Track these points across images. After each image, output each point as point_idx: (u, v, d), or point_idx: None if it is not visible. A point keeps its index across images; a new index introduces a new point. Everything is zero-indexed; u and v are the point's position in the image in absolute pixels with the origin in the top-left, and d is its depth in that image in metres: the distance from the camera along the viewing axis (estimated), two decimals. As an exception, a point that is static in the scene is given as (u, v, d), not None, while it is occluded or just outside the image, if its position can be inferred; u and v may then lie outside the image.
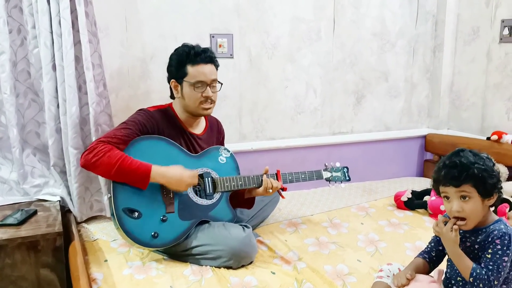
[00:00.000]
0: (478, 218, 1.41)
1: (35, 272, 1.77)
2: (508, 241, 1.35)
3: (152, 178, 1.83)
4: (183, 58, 1.98)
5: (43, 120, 2.16)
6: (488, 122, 2.98)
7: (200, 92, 1.98)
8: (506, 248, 1.35)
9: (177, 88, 2.03)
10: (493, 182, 1.38)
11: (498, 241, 1.36)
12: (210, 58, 2.01)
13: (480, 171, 1.36)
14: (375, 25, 2.99)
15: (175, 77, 2.02)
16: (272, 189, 2.05)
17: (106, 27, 2.32)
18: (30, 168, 2.17)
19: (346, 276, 1.82)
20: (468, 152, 1.41)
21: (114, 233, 2.10)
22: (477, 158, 1.39)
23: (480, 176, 1.37)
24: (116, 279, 1.74)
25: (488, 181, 1.37)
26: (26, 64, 2.11)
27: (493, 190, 1.39)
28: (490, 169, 1.38)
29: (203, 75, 1.98)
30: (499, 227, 1.38)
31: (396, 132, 3.22)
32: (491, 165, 1.40)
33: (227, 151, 2.12)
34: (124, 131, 1.89)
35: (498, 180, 1.40)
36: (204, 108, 2.02)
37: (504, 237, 1.36)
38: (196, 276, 1.78)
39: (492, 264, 1.35)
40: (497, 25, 2.85)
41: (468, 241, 1.44)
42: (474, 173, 1.36)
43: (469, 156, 1.39)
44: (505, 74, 2.83)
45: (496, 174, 1.40)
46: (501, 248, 1.35)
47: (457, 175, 1.38)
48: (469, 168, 1.37)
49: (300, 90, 2.88)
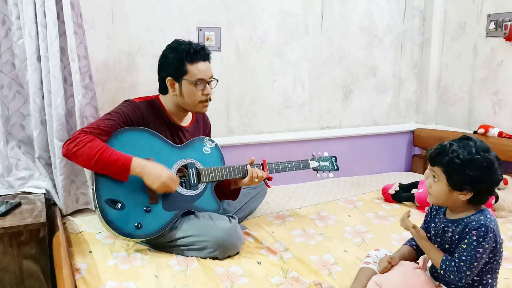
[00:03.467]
0: (443, 202, 1.44)
1: (18, 263, 1.75)
2: (484, 232, 1.34)
3: (132, 171, 1.81)
4: (182, 56, 1.94)
5: (28, 112, 2.14)
6: (475, 116, 2.99)
7: (201, 90, 1.98)
8: (482, 240, 1.34)
9: (174, 86, 1.99)
10: (463, 179, 1.36)
11: (475, 232, 1.35)
12: (207, 56, 2.00)
13: (451, 163, 1.36)
14: (363, 20, 3.00)
15: (173, 75, 1.98)
16: (258, 178, 2.05)
17: (92, 19, 2.31)
18: (14, 160, 2.15)
19: (332, 266, 1.83)
20: (468, 143, 1.38)
21: (99, 225, 2.09)
22: (464, 151, 1.36)
23: (450, 167, 1.37)
24: (100, 269, 1.73)
25: (455, 175, 1.36)
26: (11, 55, 2.09)
27: (463, 187, 1.37)
28: (470, 167, 1.34)
29: (204, 73, 1.97)
30: (478, 218, 1.38)
31: (384, 127, 3.23)
32: (481, 168, 1.35)
33: (211, 142, 2.11)
34: (107, 122, 1.88)
35: (474, 182, 1.35)
36: (204, 106, 2.03)
37: (481, 229, 1.35)
38: (181, 266, 1.78)
39: (465, 255, 1.35)
40: (483, 20, 2.87)
41: (450, 231, 1.45)
42: (446, 161, 1.37)
43: (459, 147, 1.37)
44: (491, 69, 2.85)
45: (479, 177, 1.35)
46: (476, 239, 1.34)
47: (433, 156, 1.41)
48: (445, 154, 1.37)
49: (288, 84, 2.88)
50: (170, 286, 1.63)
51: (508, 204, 2.35)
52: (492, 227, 1.36)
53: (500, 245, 1.40)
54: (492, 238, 1.36)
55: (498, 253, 1.40)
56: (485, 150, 1.37)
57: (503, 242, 2.02)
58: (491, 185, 1.40)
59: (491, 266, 1.41)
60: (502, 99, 2.81)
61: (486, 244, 1.34)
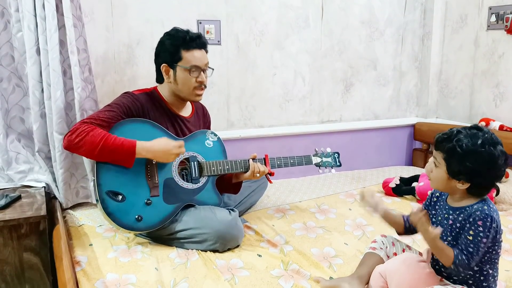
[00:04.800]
0: (442, 188, 1.44)
1: (18, 256, 1.75)
2: (490, 223, 1.34)
3: (138, 154, 1.81)
4: (178, 43, 1.95)
5: (27, 105, 2.13)
6: (476, 109, 2.99)
7: (195, 77, 1.97)
8: (487, 230, 1.34)
9: (168, 72, 2.00)
10: (461, 169, 1.35)
11: (480, 223, 1.34)
12: (204, 44, 2.00)
13: (453, 151, 1.35)
14: (363, 13, 2.99)
15: (168, 62, 1.98)
16: (259, 173, 2.04)
17: (91, 11, 2.30)
18: (14, 154, 2.14)
19: (333, 258, 1.82)
20: (476, 134, 1.35)
21: (100, 219, 2.10)
22: (469, 142, 1.34)
23: (451, 155, 1.36)
24: (100, 262, 1.73)
25: (454, 163, 1.36)
26: (10, 48, 2.08)
27: (460, 177, 1.37)
28: (470, 158, 1.33)
29: (199, 60, 1.97)
30: (482, 208, 1.37)
31: (385, 120, 3.23)
32: (481, 161, 1.33)
33: (214, 135, 2.11)
34: (108, 113, 1.87)
35: (472, 174, 1.35)
36: (197, 94, 2.02)
37: (487, 219, 1.34)
38: (182, 258, 1.77)
39: (472, 247, 1.35)
40: (484, 12, 2.85)
41: (450, 219, 1.44)
42: (448, 148, 1.37)
43: (466, 136, 1.35)
44: (492, 61, 2.84)
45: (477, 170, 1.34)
46: (482, 230, 1.34)
47: (439, 141, 1.40)
48: (450, 141, 1.36)
49: (288, 77, 2.87)
50: (171, 278, 1.63)
51: (509, 197, 2.34)
52: (495, 218, 1.36)
53: (500, 236, 1.39)
54: (495, 228, 1.35)
55: (498, 243, 1.39)
56: (493, 144, 1.35)
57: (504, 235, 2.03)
58: (490, 180, 1.39)
59: (490, 256, 1.40)
60: (503, 92, 2.80)
61: (490, 234, 1.34)
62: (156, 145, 1.85)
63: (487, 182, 1.38)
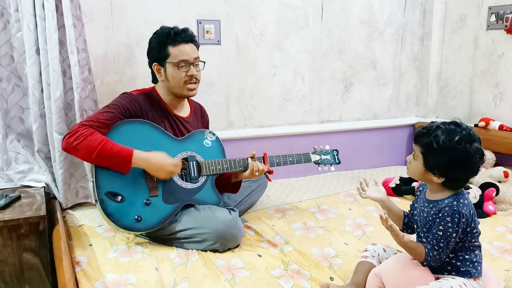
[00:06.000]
0: (419, 178, 1.48)
1: (18, 256, 1.75)
2: (458, 218, 1.38)
3: (133, 163, 1.81)
4: (164, 39, 1.97)
5: (27, 105, 2.13)
6: (476, 109, 2.99)
7: (184, 72, 1.97)
8: (456, 226, 1.38)
9: (160, 71, 2.01)
10: (435, 164, 1.39)
11: (449, 219, 1.39)
12: (191, 37, 1.99)
13: (429, 146, 1.39)
14: (363, 13, 2.99)
15: (157, 60, 2.00)
16: (259, 171, 2.04)
17: (90, 11, 2.29)
18: (14, 154, 2.14)
19: (333, 258, 1.82)
20: (454, 130, 1.38)
21: (100, 219, 2.09)
22: (446, 137, 1.36)
23: (427, 149, 1.40)
24: (100, 262, 1.72)
25: (430, 158, 1.40)
26: (9, 48, 2.07)
27: (434, 170, 1.40)
28: (444, 154, 1.36)
29: (186, 54, 1.96)
30: (452, 204, 1.40)
31: (384, 120, 3.23)
32: (455, 158, 1.36)
33: (212, 135, 2.10)
34: (106, 115, 1.87)
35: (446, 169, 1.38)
36: (189, 88, 2.00)
37: (454, 215, 1.38)
38: (182, 259, 1.77)
39: (443, 242, 1.39)
40: (484, 12, 2.85)
41: (425, 211, 1.48)
42: (425, 142, 1.41)
43: (443, 131, 1.38)
44: (492, 61, 2.84)
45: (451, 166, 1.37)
46: (451, 226, 1.38)
47: (418, 134, 1.44)
48: (428, 136, 1.40)
49: (288, 77, 2.87)
50: (171, 278, 1.63)
51: (509, 197, 2.34)
52: (464, 212, 1.39)
53: (472, 228, 1.42)
54: (465, 222, 1.39)
55: (470, 234, 1.43)
56: (469, 141, 1.37)
57: (503, 234, 2.02)
58: (465, 175, 1.42)
59: (463, 245, 1.44)
60: (502, 92, 2.80)
61: (460, 229, 1.39)
62: (152, 158, 1.84)
63: (462, 177, 1.43)
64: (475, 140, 1.39)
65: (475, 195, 2.29)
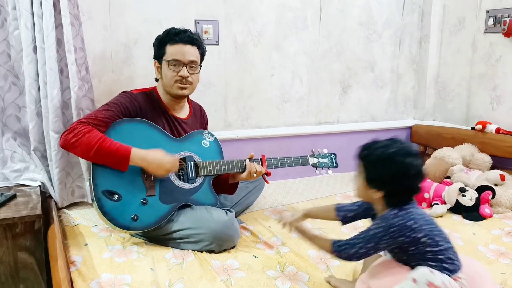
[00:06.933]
0: (362, 197, 1.50)
1: (13, 255, 1.73)
2: (380, 222, 1.38)
3: (131, 161, 1.80)
4: (163, 38, 1.98)
5: (23, 103, 2.12)
6: (473, 112, 2.99)
7: (176, 71, 1.96)
8: (380, 230, 1.37)
9: (158, 69, 2.02)
10: (372, 178, 1.41)
11: (374, 223, 1.41)
12: (191, 39, 1.98)
13: (367, 160, 1.43)
14: (361, 15, 2.99)
15: (156, 57, 2.02)
16: (256, 173, 2.04)
17: (89, 10, 2.29)
18: (10, 152, 2.13)
19: (330, 260, 1.82)
20: (391, 144, 1.39)
21: (95, 218, 2.09)
22: (383, 152, 1.38)
23: (366, 163, 1.43)
24: (95, 262, 1.71)
25: (368, 171, 1.42)
26: (7, 46, 2.07)
27: (372, 183, 1.41)
28: (379, 168, 1.39)
29: (180, 54, 1.96)
30: (387, 213, 1.40)
31: (382, 122, 3.23)
32: (388, 171, 1.37)
33: (210, 135, 2.10)
34: (105, 113, 1.86)
35: (382, 183, 1.40)
36: (179, 87, 1.99)
37: (377, 220, 1.40)
38: (178, 259, 1.77)
39: (362, 238, 1.40)
40: (482, 16, 2.86)
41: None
42: (363, 156, 1.44)
43: (381, 146, 1.40)
44: (490, 64, 2.85)
45: (385, 180, 1.39)
46: (375, 228, 1.38)
47: (360, 150, 1.47)
48: (368, 149, 1.43)
49: (286, 78, 2.87)
50: (166, 279, 1.62)
51: (505, 200, 2.34)
52: (391, 219, 1.37)
53: (419, 238, 1.36)
54: (391, 226, 1.36)
55: (420, 244, 1.37)
56: (404, 155, 1.37)
57: (499, 237, 2.02)
58: (402, 190, 1.40)
59: (416, 252, 1.39)
60: (500, 95, 2.81)
61: (381, 232, 1.36)
62: (150, 155, 1.83)
63: (399, 192, 1.40)
64: (411, 154, 1.39)
65: (472, 197, 2.29)
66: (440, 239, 1.40)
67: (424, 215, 1.42)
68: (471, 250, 1.91)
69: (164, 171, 1.86)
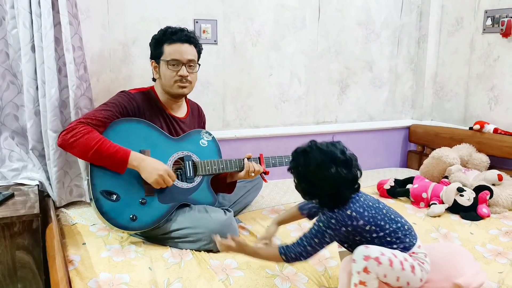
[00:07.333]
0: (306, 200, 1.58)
1: (11, 254, 1.73)
2: (323, 217, 1.41)
3: (129, 164, 1.80)
4: (160, 37, 1.98)
5: (21, 102, 2.12)
6: (471, 112, 3.00)
7: (175, 71, 1.96)
8: (322, 224, 1.41)
9: (156, 68, 2.02)
10: (301, 190, 1.46)
11: (318, 219, 1.45)
12: (188, 38, 1.98)
13: (293, 170, 1.46)
14: (360, 15, 2.99)
15: (154, 57, 2.01)
16: (254, 172, 2.04)
17: (87, 9, 2.28)
18: (8, 151, 2.13)
19: (327, 260, 1.81)
20: (315, 154, 1.41)
21: (93, 217, 2.08)
22: (305, 163, 1.41)
23: (292, 172, 1.47)
24: (93, 261, 1.71)
25: (297, 185, 1.47)
26: (5, 45, 2.06)
27: (304, 195, 1.48)
28: (304, 177, 1.42)
29: (179, 54, 1.96)
30: (322, 216, 1.44)
31: (380, 122, 3.23)
32: (316, 179, 1.40)
33: (208, 135, 2.10)
34: (104, 113, 1.86)
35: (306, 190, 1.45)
36: (179, 86, 1.98)
37: (320, 215, 1.44)
38: (176, 258, 1.77)
39: (305, 236, 1.43)
40: (480, 16, 2.86)
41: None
42: (291, 166, 1.47)
43: (305, 156, 1.42)
44: (488, 65, 2.85)
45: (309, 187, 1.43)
46: (318, 223, 1.42)
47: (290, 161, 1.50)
48: (293, 161, 1.47)
49: (284, 78, 2.87)
50: (164, 278, 1.62)
51: (502, 200, 2.35)
52: (333, 215, 1.39)
53: (360, 225, 1.40)
54: (330, 219, 1.39)
55: (364, 232, 1.41)
56: (327, 167, 1.38)
57: (497, 237, 2.03)
58: (330, 197, 1.40)
59: (364, 240, 1.42)
60: (498, 95, 2.82)
61: (324, 226, 1.40)
62: (148, 161, 1.83)
63: (330, 198, 1.41)
64: (338, 163, 1.39)
65: (469, 197, 2.29)
66: (384, 223, 1.42)
67: (365, 202, 1.44)
68: (469, 249, 1.91)
69: (157, 177, 1.81)
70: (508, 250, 1.91)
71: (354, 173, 1.42)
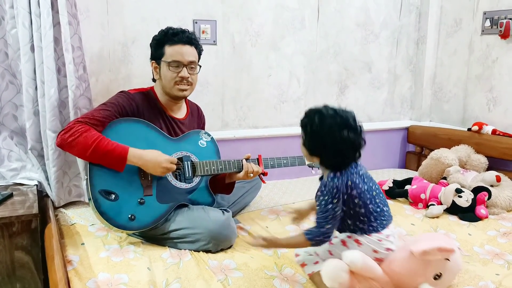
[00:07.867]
0: (307, 159, 1.61)
1: (9, 254, 1.74)
2: (323, 189, 1.47)
3: (128, 161, 1.80)
4: (161, 38, 1.98)
5: (20, 102, 2.12)
6: (469, 113, 3.00)
7: (176, 72, 1.96)
8: (322, 196, 1.47)
9: (156, 69, 2.02)
10: (309, 144, 1.52)
11: (319, 193, 1.49)
12: (189, 39, 1.98)
13: (306, 127, 1.53)
14: (359, 15, 3.00)
15: (154, 58, 2.01)
16: (253, 173, 2.04)
17: (86, 9, 2.28)
18: (7, 151, 2.13)
19: (326, 261, 1.82)
20: (331, 114, 1.48)
21: (92, 218, 2.08)
22: (320, 121, 1.47)
23: (304, 129, 1.54)
24: (92, 261, 1.72)
25: (306, 138, 1.54)
26: (4, 44, 2.06)
27: (310, 150, 1.53)
28: (318, 135, 1.48)
29: (180, 55, 1.96)
30: (323, 181, 1.51)
31: (378, 123, 3.23)
32: (329, 139, 1.45)
33: (207, 135, 2.10)
34: (102, 113, 1.86)
35: (316, 148, 1.50)
36: (179, 89, 1.99)
37: (321, 188, 1.49)
38: (175, 259, 1.77)
39: (319, 214, 1.47)
40: (479, 17, 2.87)
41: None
42: (303, 122, 1.55)
43: (320, 115, 1.49)
44: (486, 66, 2.86)
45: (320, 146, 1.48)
46: (323, 198, 1.47)
47: (301, 118, 1.57)
48: (307, 117, 1.54)
49: (284, 78, 2.87)
50: (163, 278, 1.62)
51: (501, 201, 2.35)
52: (330, 182, 1.46)
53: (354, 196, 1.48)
54: (332, 190, 1.45)
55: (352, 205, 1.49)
56: (340, 129, 1.44)
57: (495, 238, 2.03)
58: (334, 161, 1.48)
59: (352, 213, 1.49)
60: (496, 96, 2.82)
61: (329, 198, 1.45)
62: (148, 155, 1.84)
63: (332, 161, 1.49)
64: (349, 128, 1.46)
65: (468, 198, 2.30)
66: (369, 202, 1.50)
67: (362, 176, 1.51)
68: (467, 250, 1.92)
69: (160, 170, 1.86)
70: (506, 251, 1.92)
71: (360, 140, 1.49)
